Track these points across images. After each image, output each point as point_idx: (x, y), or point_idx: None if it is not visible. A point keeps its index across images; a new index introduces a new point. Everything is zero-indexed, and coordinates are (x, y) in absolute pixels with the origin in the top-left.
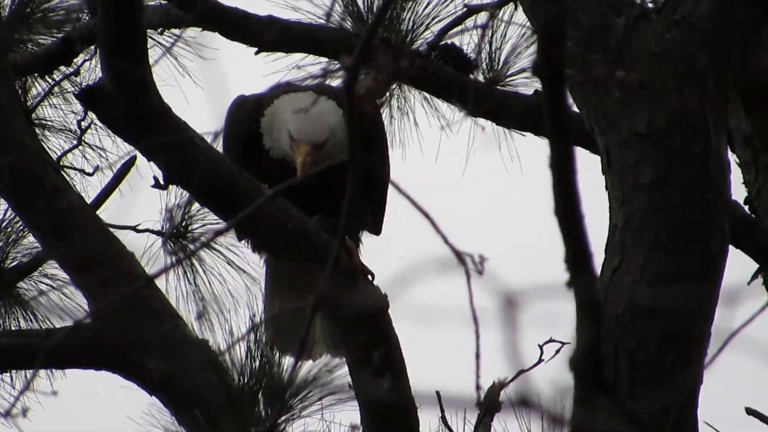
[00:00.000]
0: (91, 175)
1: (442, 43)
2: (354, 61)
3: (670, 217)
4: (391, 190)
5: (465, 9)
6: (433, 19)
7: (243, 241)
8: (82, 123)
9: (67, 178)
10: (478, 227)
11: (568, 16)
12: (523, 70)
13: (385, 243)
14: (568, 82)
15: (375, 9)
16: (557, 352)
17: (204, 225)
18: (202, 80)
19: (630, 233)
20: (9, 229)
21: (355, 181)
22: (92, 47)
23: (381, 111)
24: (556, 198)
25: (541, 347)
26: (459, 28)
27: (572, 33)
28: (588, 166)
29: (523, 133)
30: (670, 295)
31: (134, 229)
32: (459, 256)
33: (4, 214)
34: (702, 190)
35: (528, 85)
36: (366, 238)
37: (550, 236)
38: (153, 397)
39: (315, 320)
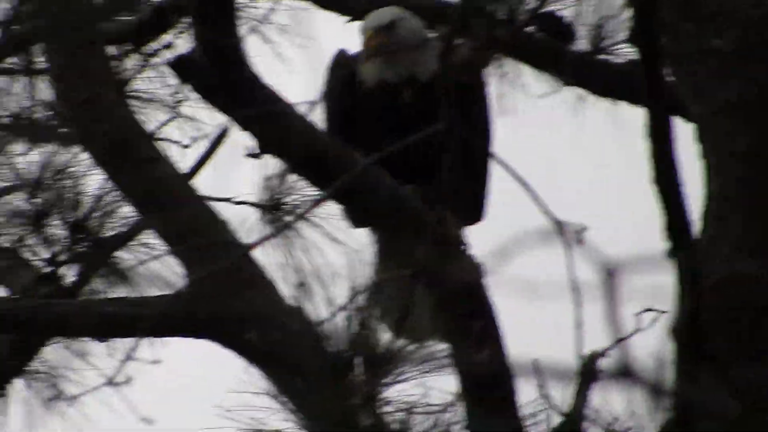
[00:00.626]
0: (187, 147)
1: (541, 11)
2: (449, 31)
3: (765, 186)
4: (494, 165)
5: None
6: None
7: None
8: (178, 95)
9: (163, 150)
10: (577, 198)
11: None
12: (624, 40)
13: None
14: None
15: None
16: (655, 321)
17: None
18: (297, 53)
19: (726, 202)
20: (106, 199)
21: (451, 150)
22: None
23: (484, 82)
24: (654, 166)
25: (639, 316)
26: None
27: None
28: (681, 134)
29: (617, 101)
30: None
31: (230, 201)
32: (559, 225)
33: (102, 184)
34: None
35: (630, 55)
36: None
37: (649, 206)
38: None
39: (415, 300)
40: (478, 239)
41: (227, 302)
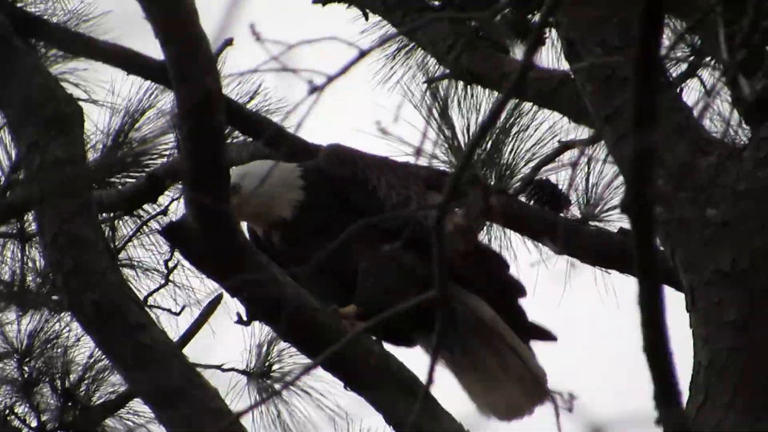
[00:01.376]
0: (177, 314)
1: (537, 178)
2: (444, 199)
3: (754, 357)
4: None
5: (558, 145)
6: (533, 155)
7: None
8: (169, 263)
9: (153, 316)
10: (569, 360)
11: (655, 155)
12: (615, 207)
13: None
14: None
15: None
16: None
17: (290, 362)
18: None
19: (714, 372)
20: (95, 366)
21: (442, 317)
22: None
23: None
24: (645, 335)
25: None
26: (552, 164)
27: (658, 172)
28: (672, 303)
29: (608, 270)
30: None
31: (219, 368)
32: (549, 393)
33: (92, 352)
34: None
35: (625, 222)
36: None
37: (640, 373)
38: None
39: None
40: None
41: None
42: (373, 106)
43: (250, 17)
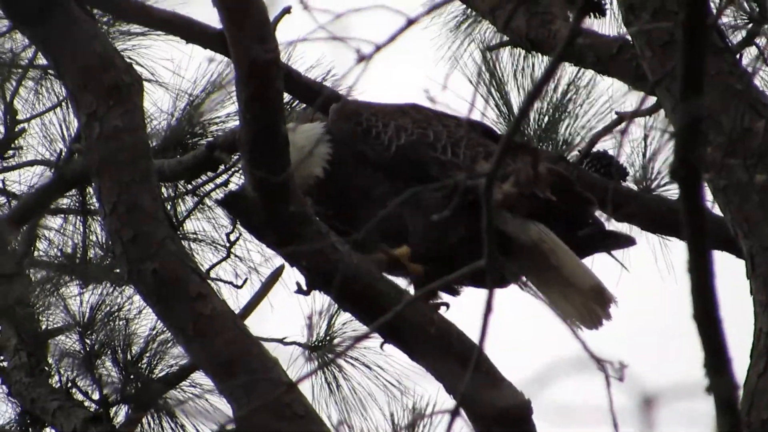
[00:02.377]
0: (240, 287)
1: (594, 150)
2: (493, 166)
3: None
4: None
5: (616, 116)
6: (589, 130)
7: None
8: (231, 235)
9: (215, 288)
10: (620, 330)
11: (705, 118)
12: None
13: (527, 341)
14: (707, 186)
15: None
16: None
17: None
18: None
19: None
20: (158, 338)
21: (491, 284)
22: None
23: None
24: (694, 302)
25: None
26: (609, 135)
27: (713, 137)
28: (733, 270)
29: (668, 237)
30: None
31: (281, 341)
32: (599, 362)
33: (153, 325)
34: None
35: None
36: None
37: (691, 340)
38: None
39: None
40: (517, 368)
41: None
42: (432, 80)
43: None
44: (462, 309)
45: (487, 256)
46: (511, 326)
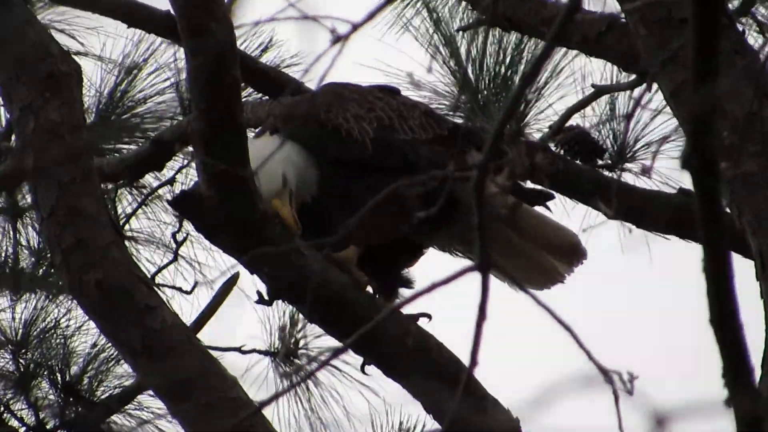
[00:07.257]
0: (189, 293)
1: (567, 125)
2: (484, 158)
3: None
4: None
5: (593, 90)
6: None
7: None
8: (178, 236)
9: (162, 296)
10: (625, 340)
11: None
12: (647, 145)
13: (521, 363)
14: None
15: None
16: None
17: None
18: None
19: None
20: (100, 356)
21: (484, 287)
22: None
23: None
24: (711, 305)
25: None
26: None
27: (721, 123)
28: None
29: (667, 236)
30: None
31: (239, 350)
32: (606, 374)
33: (95, 341)
34: None
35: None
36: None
37: (704, 348)
38: None
39: None
40: (512, 388)
41: None
42: (400, 57)
43: None
44: (448, 314)
45: (480, 256)
46: (504, 334)
